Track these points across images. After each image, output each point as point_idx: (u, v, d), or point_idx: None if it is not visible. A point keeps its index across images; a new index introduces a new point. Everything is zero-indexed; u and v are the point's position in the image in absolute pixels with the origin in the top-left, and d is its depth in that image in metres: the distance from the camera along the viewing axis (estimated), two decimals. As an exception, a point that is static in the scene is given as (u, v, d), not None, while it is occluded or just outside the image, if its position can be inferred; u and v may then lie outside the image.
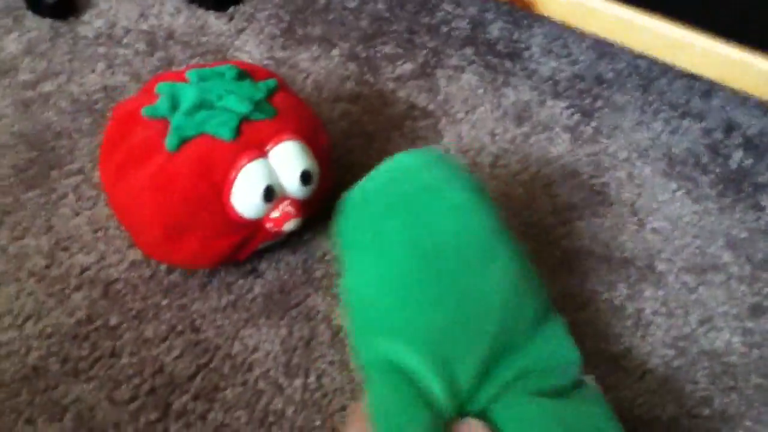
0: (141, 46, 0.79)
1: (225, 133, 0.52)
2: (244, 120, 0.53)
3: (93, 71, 0.76)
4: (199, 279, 0.57)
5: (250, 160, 0.52)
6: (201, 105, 0.53)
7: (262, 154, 0.53)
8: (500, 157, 0.69)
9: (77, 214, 0.62)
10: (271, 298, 0.56)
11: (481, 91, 0.76)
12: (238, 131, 0.52)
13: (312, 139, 0.55)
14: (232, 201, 0.52)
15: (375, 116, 0.73)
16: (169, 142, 0.51)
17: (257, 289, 0.57)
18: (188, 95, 0.53)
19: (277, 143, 0.53)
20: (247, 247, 0.56)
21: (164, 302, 0.56)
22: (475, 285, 0.44)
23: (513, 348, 0.43)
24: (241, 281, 0.57)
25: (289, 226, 0.54)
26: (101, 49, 0.78)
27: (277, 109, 0.55)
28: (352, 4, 0.86)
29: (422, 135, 0.71)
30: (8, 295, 0.56)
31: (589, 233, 0.62)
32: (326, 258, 0.60)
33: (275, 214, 0.53)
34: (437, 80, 0.77)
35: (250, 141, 0.52)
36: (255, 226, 0.54)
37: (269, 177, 0.52)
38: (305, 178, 0.54)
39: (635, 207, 0.65)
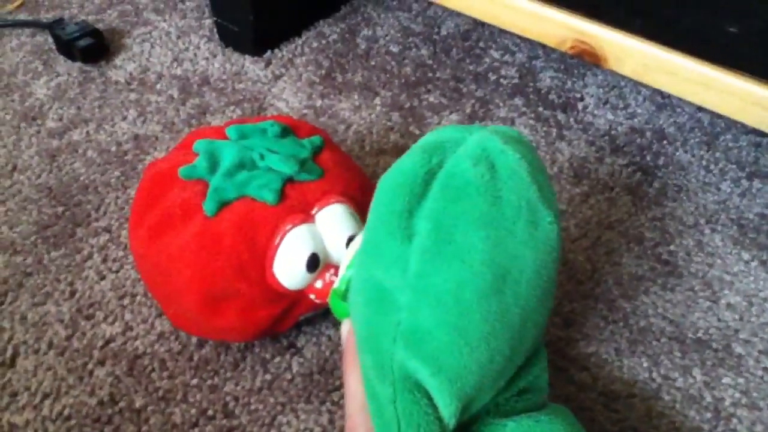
0: (174, 92, 0.75)
1: (268, 197, 0.47)
2: (288, 181, 0.48)
3: (124, 119, 0.72)
4: (232, 355, 0.52)
5: (294, 226, 0.47)
6: (242, 165, 0.49)
7: (308, 218, 0.48)
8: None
9: (102, 278, 0.57)
10: (311, 379, 0.51)
11: (533, 145, 0.71)
12: (281, 194, 0.48)
13: (361, 200, 0.51)
14: (274, 269, 0.47)
15: (421, 171, 0.68)
16: (208, 205, 0.47)
17: (295, 368, 0.52)
18: (228, 154, 0.49)
19: (323, 206, 0.48)
20: (287, 319, 0.51)
21: (194, 381, 0.51)
22: (527, 325, 0.38)
23: (518, 372, 0.40)
24: (277, 358, 0.52)
25: (334, 298, 0.49)
26: (133, 96, 0.75)
27: (324, 168, 0.50)
28: (394, 50, 0.82)
29: (472, 193, 0.66)
30: (26, 369, 0.51)
31: (658, 309, 0.57)
32: (371, 330, 0.55)
33: (319, 284, 0.48)
34: (486, 133, 0.72)
35: (295, 204, 0.48)
36: (297, 296, 0.49)
37: (314, 244, 0.47)
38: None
39: (707, 279, 0.59)
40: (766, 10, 0.51)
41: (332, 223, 0.48)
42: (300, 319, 0.52)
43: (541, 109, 0.75)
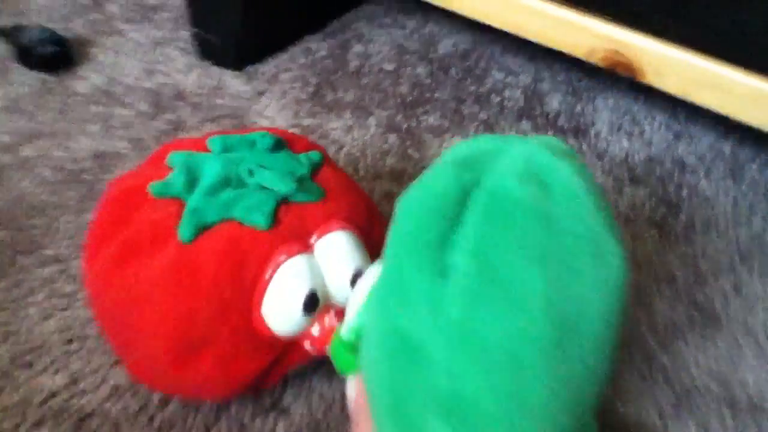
0: (144, 106, 0.67)
1: (259, 220, 0.39)
2: (282, 202, 0.40)
3: (85, 134, 0.63)
4: (203, 417, 0.43)
5: (289, 257, 0.39)
6: (226, 182, 0.41)
7: (305, 247, 0.40)
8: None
9: (47, 317, 0.48)
10: (302, 444, 0.43)
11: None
12: (274, 217, 0.40)
13: (367, 229, 0.43)
14: (263, 311, 0.39)
15: (423, 199, 0.60)
16: (184, 229, 0.39)
17: None
18: (210, 169, 0.41)
19: (324, 234, 0.40)
20: (274, 372, 0.42)
21: (157, 447, 0.41)
22: (591, 390, 0.30)
23: None
24: (258, 421, 0.43)
25: (335, 345, 0.40)
26: (96, 108, 0.66)
27: (325, 189, 0.42)
28: (388, 68, 0.75)
29: (481, 224, 0.58)
30: (-55, 430, 0.41)
31: (700, 363, 0.49)
32: (373, 382, 0.46)
33: (316, 330, 0.40)
34: (493, 158, 0.65)
35: (291, 230, 0.40)
36: (288, 344, 0.41)
37: (313, 279, 0.39)
38: (357, 281, 0.41)
39: (749, 327, 0.52)
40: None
41: (335, 254, 0.40)
42: (288, 372, 0.43)
43: (550, 133, 0.68)
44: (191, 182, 0.40)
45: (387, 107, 0.70)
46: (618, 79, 0.75)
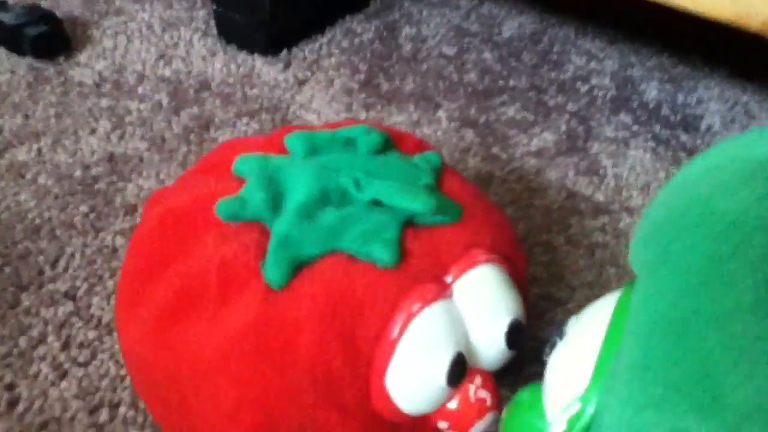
0: (162, 98, 0.54)
1: (380, 253, 0.27)
2: (406, 226, 0.28)
3: (92, 133, 0.50)
4: None
5: (425, 305, 0.27)
6: (326, 198, 0.28)
7: (444, 290, 0.28)
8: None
9: (63, 377, 0.35)
10: None
11: (662, 174, 0.52)
12: (401, 249, 0.27)
13: (514, 261, 0.31)
14: (387, 383, 0.27)
15: (523, 209, 0.49)
16: (272, 268, 0.26)
17: None
18: (300, 180, 0.29)
19: (467, 270, 0.28)
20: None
21: None
22: None
23: None
24: None
25: (482, 426, 0.28)
26: (104, 101, 0.54)
27: (458, 203, 0.30)
28: (449, 52, 0.63)
29: (599, 240, 0.47)
30: None
31: None
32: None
33: (454, 403, 0.28)
34: (597, 157, 0.53)
35: (424, 267, 0.27)
36: (416, 426, 0.28)
37: (457, 335, 0.27)
38: (514, 335, 0.29)
39: None
40: None
41: (483, 298, 0.28)
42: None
43: (657, 128, 0.57)
44: (276, 199, 0.28)
45: (456, 98, 0.58)
46: (718, 62, 0.64)
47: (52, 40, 0.57)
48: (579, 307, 0.42)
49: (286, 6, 0.61)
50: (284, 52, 0.62)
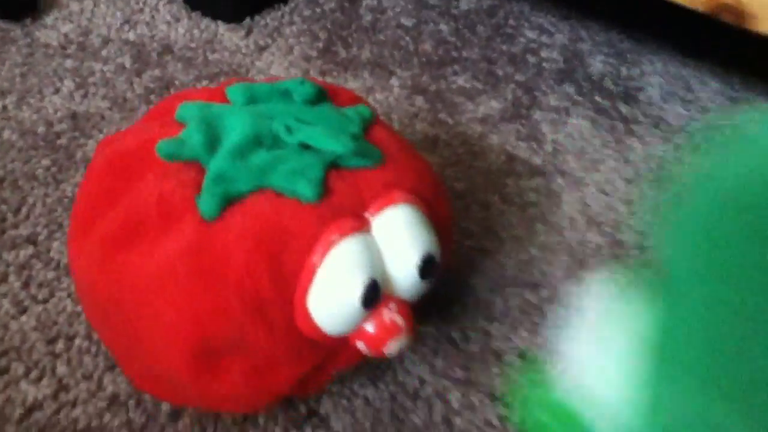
0: (125, 60, 0.57)
1: (304, 189, 0.30)
2: (330, 168, 0.31)
3: (56, 92, 0.53)
4: (224, 428, 0.34)
5: (343, 235, 0.30)
6: (259, 141, 0.31)
7: (362, 224, 0.31)
8: (648, 235, 0.48)
9: (23, 311, 0.38)
10: (349, 466, 0.34)
11: (598, 141, 0.56)
12: (324, 186, 0.30)
13: (433, 202, 0.34)
14: (309, 304, 0.30)
15: (464, 170, 0.52)
16: (207, 202, 0.29)
17: (324, 449, 0.34)
18: (236, 125, 0.31)
19: (385, 207, 0.31)
20: (316, 379, 0.33)
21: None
22: None
23: None
24: (298, 435, 0.34)
25: (395, 346, 0.32)
26: (69, 63, 0.56)
27: (383, 152, 0.33)
28: (407, 23, 0.66)
29: (533, 199, 0.50)
30: None
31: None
32: (426, 392, 0.38)
33: (372, 326, 0.31)
34: (537, 124, 0.56)
35: (344, 203, 0.30)
36: (337, 345, 0.32)
37: (373, 265, 0.30)
38: (427, 267, 0.32)
39: None
40: None
41: (398, 233, 0.31)
42: (331, 378, 0.35)
43: (598, 98, 0.60)
44: (213, 141, 0.31)
45: (410, 66, 0.61)
46: (663, 40, 0.67)
47: (18, 3, 0.60)
48: (507, 258, 0.45)
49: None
50: (247, 19, 0.64)
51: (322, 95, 0.34)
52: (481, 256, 0.46)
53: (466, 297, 0.43)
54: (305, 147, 0.31)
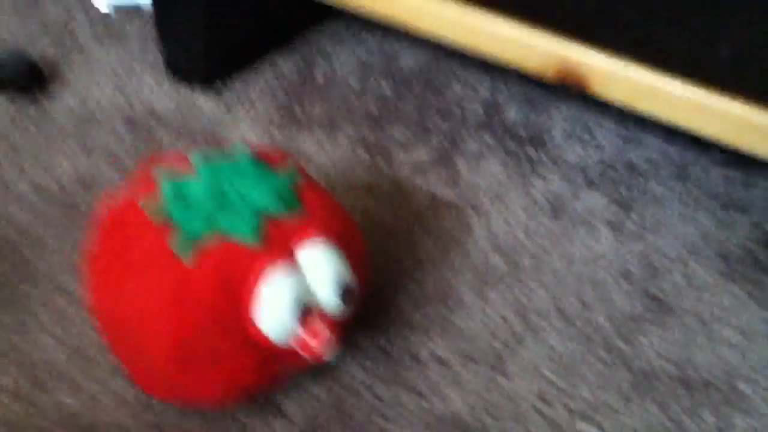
0: (120, 126, 0.69)
1: (246, 233, 0.42)
2: (266, 218, 0.43)
3: (66, 157, 0.65)
4: (206, 421, 0.46)
5: (278, 268, 0.42)
6: (214, 198, 0.43)
7: (290, 258, 0.43)
8: (541, 258, 0.61)
9: (58, 341, 0.50)
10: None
11: (506, 179, 0.68)
12: (261, 231, 0.43)
13: (348, 241, 0.46)
14: (257, 320, 0.42)
15: (394, 209, 0.64)
16: (181, 247, 0.41)
17: (281, 433, 0.46)
18: (197, 187, 0.44)
19: (307, 246, 0.43)
20: (271, 377, 0.45)
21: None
22: None
23: None
24: (259, 423, 0.46)
25: (325, 350, 0.44)
26: (74, 132, 0.68)
27: (304, 203, 0.45)
28: (354, 84, 0.79)
29: (448, 229, 0.62)
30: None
31: (657, 349, 0.54)
32: (360, 388, 0.50)
33: (306, 336, 0.43)
34: (457, 168, 0.69)
35: (276, 243, 0.43)
36: (282, 351, 0.44)
37: (300, 289, 0.43)
38: (345, 294, 0.44)
39: (700, 315, 0.57)
40: (758, 31, 0.50)
41: (319, 264, 0.44)
42: (284, 378, 0.47)
43: (510, 143, 0.73)
44: (183, 201, 0.43)
45: (355, 122, 0.73)
46: (569, 90, 0.80)
47: (31, 80, 0.72)
48: (425, 278, 0.57)
49: (218, 45, 0.76)
50: (219, 84, 0.77)
51: (260, 160, 0.47)
52: (404, 277, 0.58)
53: (391, 311, 0.56)
54: (245, 201, 0.43)
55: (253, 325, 0.42)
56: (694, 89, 0.49)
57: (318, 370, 0.50)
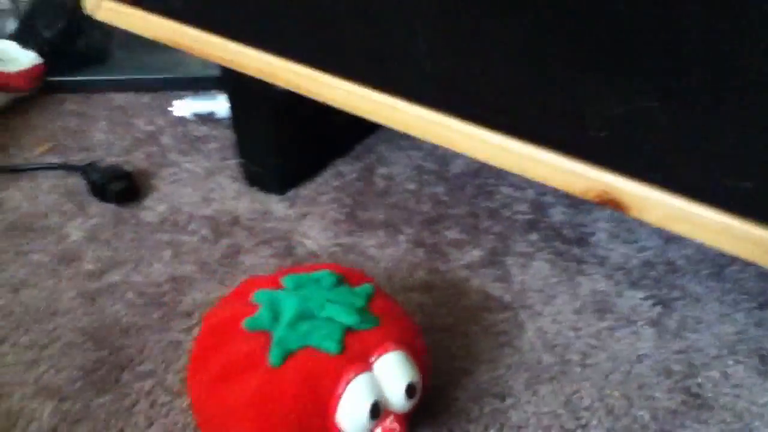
0: (206, 232, 0.78)
1: (331, 346, 0.49)
2: (347, 330, 0.51)
3: (159, 260, 0.74)
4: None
5: (356, 374, 0.49)
6: (302, 315, 0.51)
7: (368, 366, 0.50)
8: (588, 355, 0.66)
9: (151, 424, 0.58)
10: None
11: (554, 280, 0.74)
12: (343, 343, 0.50)
13: (413, 347, 0.53)
14: (336, 418, 0.49)
15: (450, 308, 0.71)
16: (273, 356, 0.49)
17: None
18: (289, 305, 0.51)
19: (381, 354, 0.50)
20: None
21: None
22: None
23: None
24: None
25: (394, 445, 0.50)
26: (165, 237, 0.77)
27: (378, 317, 0.53)
28: (411, 187, 0.87)
29: (503, 329, 0.69)
30: None
31: (697, 442, 0.58)
32: (422, 473, 0.56)
33: (379, 431, 0.50)
34: (508, 268, 0.75)
35: (355, 353, 0.50)
36: (357, 445, 0.50)
37: (375, 392, 0.49)
38: (410, 391, 0.51)
39: (737, 411, 0.61)
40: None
41: (390, 370, 0.50)
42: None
43: (557, 243, 0.79)
44: (275, 316, 0.51)
45: (413, 224, 0.81)
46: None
47: (128, 192, 0.82)
48: (482, 375, 0.63)
49: (290, 158, 0.85)
50: (291, 192, 0.86)
51: (341, 280, 0.54)
52: (462, 374, 0.64)
53: (450, 406, 0.61)
54: (330, 319, 0.51)
55: (334, 425, 0.49)
56: (725, 216, 0.55)
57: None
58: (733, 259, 0.78)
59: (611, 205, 0.60)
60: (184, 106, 0.97)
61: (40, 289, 0.70)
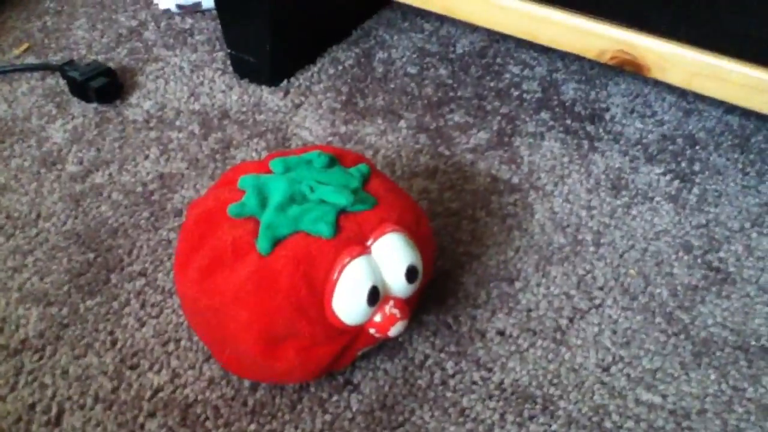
0: (195, 127, 0.74)
1: (323, 230, 0.45)
2: (341, 213, 0.47)
3: (146, 158, 0.70)
4: (288, 397, 0.50)
5: (352, 258, 0.45)
6: (292, 199, 0.47)
7: (365, 249, 0.46)
8: (603, 234, 0.62)
9: (143, 325, 0.55)
10: (372, 416, 0.49)
11: (566, 159, 0.70)
12: (337, 226, 0.46)
13: (415, 229, 0.49)
14: (333, 305, 0.45)
15: (457, 193, 0.67)
16: (262, 243, 0.45)
17: (355, 406, 0.50)
18: (277, 189, 0.47)
19: (379, 236, 0.47)
20: (346, 356, 0.49)
21: (252, 427, 0.49)
22: None
23: None
24: (335, 397, 0.50)
25: (396, 330, 0.47)
26: (152, 134, 0.73)
27: (376, 197, 0.49)
28: (412, 71, 0.81)
29: (511, 211, 0.65)
30: (73, 427, 0.49)
31: (717, 318, 0.55)
32: (428, 363, 0.53)
33: (378, 317, 0.47)
34: (517, 149, 0.71)
35: (351, 236, 0.46)
36: (356, 331, 0.47)
37: (373, 276, 0.46)
38: (411, 274, 0.47)
39: (761, 285, 0.58)
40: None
41: (389, 253, 0.47)
42: (357, 355, 0.50)
43: (569, 121, 0.74)
44: (262, 202, 0.47)
45: (415, 109, 0.76)
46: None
47: (111, 89, 0.77)
48: (489, 259, 0.60)
49: (283, 45, 0.79)
50: (284, 82, 0.80)
51: (334, 161, 0.50)
52: (469, 258, 0.61)
53: (457, 291, 0.58)
54: (322, 201, 0.47)
55: (331, 310, 0.46)
56: (751, 69, 0.50)
57: (388, 346, 0.53)
58: (758, 128, 0.73)
59: (629, 67, 0.54)
60: (167, -2, 0.91)
61: (22, 193, 0.67)
